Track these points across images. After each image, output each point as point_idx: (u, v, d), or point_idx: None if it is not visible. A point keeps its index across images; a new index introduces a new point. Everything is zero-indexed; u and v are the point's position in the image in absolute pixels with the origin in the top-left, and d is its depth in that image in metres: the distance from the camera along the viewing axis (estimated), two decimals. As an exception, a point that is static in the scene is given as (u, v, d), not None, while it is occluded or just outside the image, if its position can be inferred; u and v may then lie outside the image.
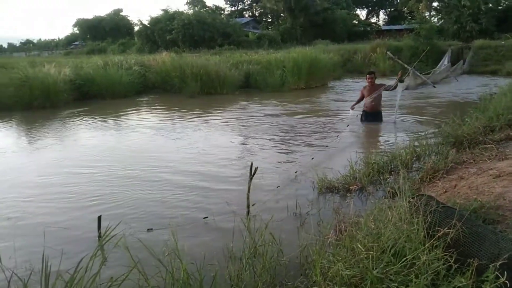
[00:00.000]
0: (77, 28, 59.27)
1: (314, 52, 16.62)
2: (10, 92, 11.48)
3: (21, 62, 14.50)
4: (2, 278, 2.21)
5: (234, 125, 8.76)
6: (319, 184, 4.47)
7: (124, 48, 39.01)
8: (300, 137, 7.44)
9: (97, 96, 13.25)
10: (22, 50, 59.06)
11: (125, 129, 8.85)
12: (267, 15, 52.71)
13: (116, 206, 4.27)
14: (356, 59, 22.49)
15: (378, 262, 2.15)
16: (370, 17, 60.22)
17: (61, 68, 13.02)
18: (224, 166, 5.64)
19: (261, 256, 2.69)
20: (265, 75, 14.82)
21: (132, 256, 2.38)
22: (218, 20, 37.86)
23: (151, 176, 5.29)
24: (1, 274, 2.21)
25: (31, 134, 8.54)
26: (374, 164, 4.77)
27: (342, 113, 9.78)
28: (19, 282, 2.09)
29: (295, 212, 3.88)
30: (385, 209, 2.77)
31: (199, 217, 3.92)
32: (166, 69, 14.69)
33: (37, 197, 4.65)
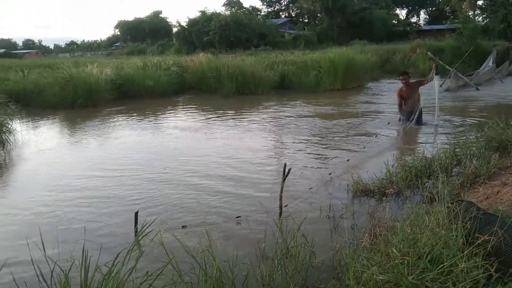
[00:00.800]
0: (118, 29, 61.35)
1: (351, 53, 16.36)
2: (55, 91, 12.03)
3: (66, 62, 15.17)
4: (46, 269, 2.33)
5: (268, 125, 8.77)
6: (353, 187, 4.40)
7: (162, 49, 39.97)
8: (335, 139, 7.35)
9: (136, 95, 13.65)
10: (67, 51, 61.87)
11: (162, 128, 9.07)
12: (303, 15, 52.35)
13: (152, 203, 4.39)
14: (395, 59, 21.92)
15: (414, 268, 2.10)
16: (410, 16, 58.55)
17: (102, 68, 13.52)
18: (258, 166, 5.66)
19: (293, 257, 2.68)
20: (300, 76, 14.74)
21: (167, 252, 2.44)
22: (254, 21, 38.04)
23: (186, 174, 5.39)
24: (45, 264, 2.33)
25: (73, 132, 8.93)
26: (412, 168, 4.63)
27: (378, 115, 9.59)
28: (61, 273, 2.19)
29: (328, 215, 3.84)
30: (423, 214, 2.70)
31: (232, 216, 3.96)
32: (203, 70, 14.91)
33: (79, 192, 4.85)
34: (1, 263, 2.66)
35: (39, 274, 2.17)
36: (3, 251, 3.30)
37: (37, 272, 2.17)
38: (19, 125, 8.73)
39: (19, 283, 2.29)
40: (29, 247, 2.70)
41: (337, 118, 9.44)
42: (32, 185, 5.29)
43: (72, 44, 72.90)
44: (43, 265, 2.32)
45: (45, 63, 21.76)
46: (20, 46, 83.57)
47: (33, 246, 2.65)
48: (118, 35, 62.90)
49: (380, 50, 23.29)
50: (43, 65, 19.92)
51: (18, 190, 5.20)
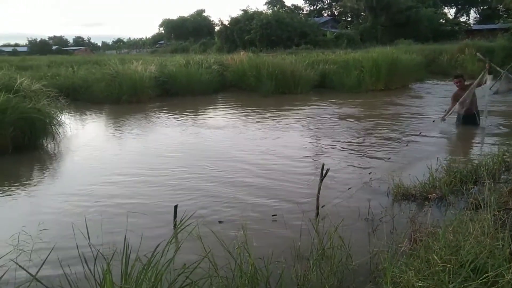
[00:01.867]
0: (163, 28, 63.01)
1: (396, 52, 15.91)
2: (102, 87, 12.54)
3: (113, 59, 15.72)
4: (89, 255, 2.44)
5: (307, 125, 8.71)
6: (394, 190, 4.29)
7: (205, 47, 40.68)
8: (375, 140, 7.18)
9: (178, 93, 13.95)
10: (113, 48, 64.34)
11: (201, 126, 9.23)
12: (346, 14, 51.50)
13: (190, 198, 4.48)
14: (441, 60, 21.09)
15: (455, 276, 2.02)
16: (459, 15, 56.15)
17: (147, 65, 13.92)
18: (295, 166, 5.64)
19: (329, 258, 2.66)
20: (342, 75, 14.51)
21: (204, 246, 2.49)
22: (296, 19, 37.88)
23: (224, 171, 5.46)
24: (89, 250, 2.44)
25: (118, 126, 9.27)
26: (457, 173, 4.45)
27: (422, 117, 9.28)
28: (103, 260, 2.29)
29: (366, 217, 3.77)
30: (467, 221, 2.60)
31: (268, 214, 3.97)
32: (243, 68, 15.02)
33: (121, 183, 5.04)
34: (48, 248, 2.81)
35: (83, 260, 2.27)
36: (51, 237, 3.48)
37: (82, 258, 2.27)
38: (68, 118, 9.18)
39: (65, 268, 2.41)
40: (74, 234, 2.85)
41: (378, 119, 9.22)
42: (79, 175, 5.56)
43: (119, 42, 75.70)
44: (87, 252, 2.44)
45: (93, 60, 22.79)
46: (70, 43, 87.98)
47: (78, 234, 2.79)
48: (162, 34, 64.64)
49: (426, 50, 22.52)
50: (91, 62, 20.87)
51: (65, 180, 5.47)
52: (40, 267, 2.31)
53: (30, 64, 21.07)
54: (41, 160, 6.57)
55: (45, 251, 2.79)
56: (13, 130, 6.55)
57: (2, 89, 6.95)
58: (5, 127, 6.44)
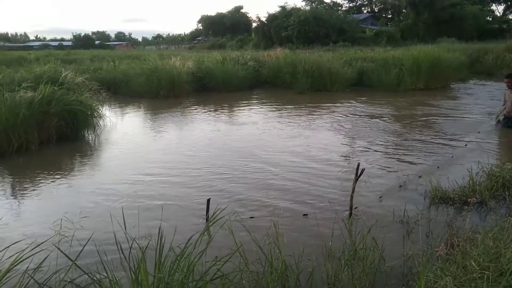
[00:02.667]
0: (201, 24, 63.85)
1: (437, 51, 15.35)
2: (141, 81, 12.91)
3: (152, 54, 16.16)
4: (125, 244, 2.53)
5: (342, 124, 8.58)
6: (431, 193, 4.16)
7: (241, 44, 40.92)
8: (413, 141, 6.97)
9: (214, 88, 14.12)
10: (153, 43, 65.94)
11: (236, 122, 9.30)
12: (387, 10, 50.32)
13: (223, 193, 4.54)
14: (486, 59, 20.14)
15: (494, 284, 1.94)
16: (508, 13, 53.36)
17: (185, 61, 14.18)
18: (329, 165, 5.58)
19: (361, 259, 2.62)
20: (380, 73, 14.18)
21: (235, 240, 2.52)
22: (334, 16, 37.41)
23: (258, 167, 5.49)
24: (125, 240, 2.52)
25: (155, 120, 9.51)
26: (499, 177, 4.26)
27: (463, 118, 8.93)
28: (138, 249, 2.36)
29: (401, 220, 3.68)
30: (508, 228, 2.49)
31: (299, 212, 3.96)
32: (279, 65, 14.98)
33: (157, 176, 5.17)
34: (88, 236, 2.94)
35: (120, 249, 2.35)
36: (90, 226, 3.63)
37: (118, 247, 2.36)
38: (108, 111, 9.50)
39: (102, 256, 2.50)
40: (112, 223, 2.95)
41: (417, 119, 8.96)
42: (117, 167, 5.75)
43: (158, 37, 77.49)
44: (123, 242, 2.52)
45: (134, 55, 23.47)
46: (112, 38, 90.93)
47: (116, 223, 2.89)
48: (200, 30, 65.60)
49: (470, 49, 21.60)
50: (131, 57, 21.50)
51: (104, 171, 5.67)
52: (79, 253, 2.42)
53: (74, 58, 22.01)
54: (83, 151, 6.85)
55: (85, 238, 2.91)
56: (57, 121, 6.87)
57: (48, 82, 7.28)
58: (50, 118, 6.76)
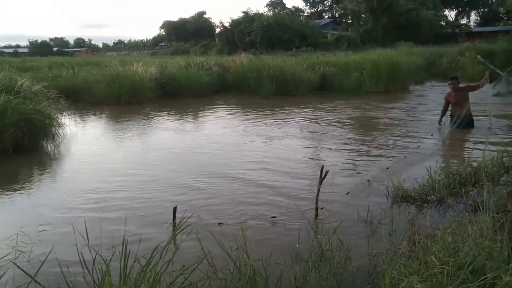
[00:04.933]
0: (164, 29, 63.12)
1: (396, 55, 15.93)
2: (102, 88, 12.58)
3: (113, 60, 15.75)
4: (88, 257, 2.44)
5: (306, 127, 8.71)
6: (393, 192, 4.29)
7: (205, 49, 40.76)
8: (375, 143, 7.19)
9: (178, 94, 13.98)
10: (114, 49, 64.45)
11: (201, 127, 9.25)
12: (347, 16, 51.69)
13: (189, 200, 4.48)
14: (441, 62, 21.12)
15: (454, 278, 2.02)
16: (459, 18, 56.18)
17: (147, 67, 13.96)
18: (295, 168, 5.64)
19: (328, 260, 2.66)
20: (342, 78, 14.53)
21: (203, 248, 2.49)
22: (297, 21, 37.97)
23: (223, 173, 5.46)
24: (88, 252, 2.44)
25: (118, 127, 9.29)
26: (456, 175, 4.45)
27: (421, 120, 9.29)
28: (102, 261, 2.28)
29: (365, 219, 3.76)
30: (465, 223, 2.60)
31: (267, 216, 3.97)
32: (243, 70, 15.05)
33: (120, 185, 5.04)
34: (48, 250, 2.82)
35: (82, 262, 2.27)
36: (50, 239, 3.49)
37: (81, 260, 2.27)
38: (68, 119, 9.18)
39: (63, 270, 2.41)
40: (74, 235, 2.84)
41: (377, 122, 9.23)
42: (78, 177, 5.56)
43: (119, 43, 75.86)
44: (86, 254, 2.43)
45: (94, 61, 22.83)
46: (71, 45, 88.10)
47: (78, 235, 2.79)
48: (163, 35, 64.78)
49: (426, 52, 22.55)
50: (92, 63, 20.91)
51: (64, 182, 5.46)
52: (38, 269, 2.31)
53: (31, 65, 21.11)
54: (41, 162, 6.58)
55: (44, 253, 2.79)
56: (14, 131, 6.55)
57: (3, 90, 6.95)
58: (6, 128, 6.45)
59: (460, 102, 7.72)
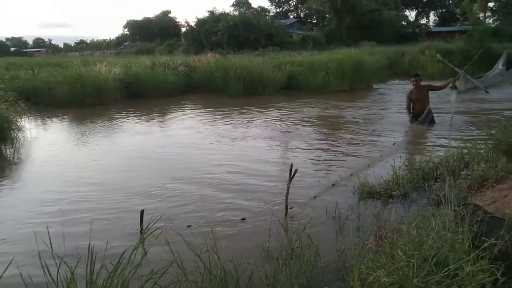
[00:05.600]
0: (128, 29, 61.68)
1: (360, 54, 16.30)
2: (64, 89, 12.15)
3: (75, 61, 15.27)
4: (52, 264, 2.35)
5: (275, 126, 8.77)
6: (360, 189, 4.39)
7: (171, 49, 40.17)
8: (343, 141, 7.33)
9: (144, 95, 13.70)
10: (76, 49, 62.39)
11: (168, 128, 9.12)
12: (312, 16, 52.37)
13: (158, 202, 4.41)
14: (403, 61, 21.78)
15: (419, 270, 2.09)
16: (419, 18, 58.13)
17: (111, 67, 13.61)
18: (264, 167, 5.66)
19: (298, 258, 2.68)
20: (308, 77, 14.71)
21: (172, 251, 2.46)
22: (262, 21, 38.10)
23: (191, 174, 5.41)
24: (51, 260, 2.35)
25: (81, 130, 9.00)
26: (419, 170, 4.61)
27: (386, 117, 9.56)
28: (67, 269, 2.21)
29: (334, 216, 3.83)
30: (429, 217, 2.69)
31: (237, 216, 3.97)
32: (210, 70, 14.95)
33: (85, 190, 4.89)
34: (7, 260, 2.69)
35: (46, 270, 2.18)
36: (12, 247, 3.33)
37: (44, 269, 2.18)
38: (28, 122, 8.81)
39: (26, 278, 2.31)
40: (37, 243, 2.73)
41: (344, 120, 9.42)
42: (39, 182, 5.35)
43: (81, 43, 73.45)
44: (50, 262, 2.34)
45: (55, 62, 22.01)
46: (30, 45, 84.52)
47: (40, 243, 2.68)
48: (127, 35, 63.25)
49: (389, 51, 23.15)
50: (52, 64, 20.14)
51: (25, 188, 5.25)
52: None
53: (-14, 66, 20.09)
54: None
55: (5, 262, 2.66)
56: (-32, 136, 6.23)
57: (-44, 93, 6.60)
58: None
59: (421, 100, 8.01)
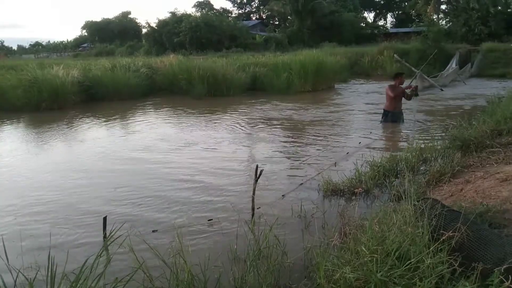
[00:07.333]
0: (86, 30, 59.73)
1: (321, 55, 16.60)
2: (19, 94, 11.59)
3: (30, 64, 14.62)
4: (8, 278, 2.24)
5: (239, 128, 8.77)
6: (324, 187, 4.47)
7: (132, 50, 39.24)
8: (309, 140, 7.43)
9: (105, 98, 13.32)
10: (31, 52, 59.66)
11: (130, 132, 8.90)
12: (274, 17, 52.77)
13: (121, 208, 4.30)
14: (363, 62, 22.41)
15: (383, 265, 2.14)
16: (377, 19, 59.90)
17: (69, 70, 13.12)
18: (229, 169, 5.65)
19: (266, 258, 2.69)
20: (272, 78, 14.81)
21: (137, 257, 2.40)
22: (225, 22, 37.97)
23: (156, 178, 5.31)
24: (8, 274, 2.23)
25: (38, 136, 8.62)
26: (380, 167, 4.76)
27: (348, 116, 9.79)
28: (25, 281, 2.11)
29: (299, 215, 3.88)
30: (390, 212, 2.77)
31: (203, 219, 3.93)
32: (173, 71, 14.74)
33: (43, 198, 4.69)
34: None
35: (2, 284, 2.08)
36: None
37: (0, 282, 2.08)
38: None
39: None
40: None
41: (308, 120, 9.55)
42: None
43: (36, 45, 70.35)
44: (6, 275, 2.23)
45: (8, 65, 20.87)
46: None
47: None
48: (85, 36, 61.19)
49: (349, 52, 23.72)
50: (5, 67, 19.11)
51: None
52: None
53: None
54: None
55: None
56: None
57: None
58: None
59: (397, 99, 8.21)
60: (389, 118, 8.25)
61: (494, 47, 21.75)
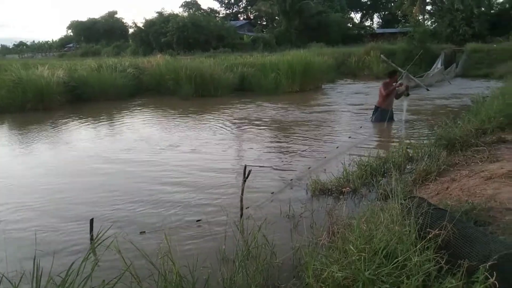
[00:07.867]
0: (71, 30, 58.97)
1: (309, 55, 16.66)
2: (3, 94, 11.41)
3: (14, 64, 14.35)
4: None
5: (228, 128, 8.75)
6: (312, 186, 4.48)
7: (118, 50, 38.88)
8: (298, 140, 7.45)
9: (91, 98, 13.16)
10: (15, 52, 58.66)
11: (116, 133, 8.81)
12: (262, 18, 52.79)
13: (108, 209, 4.25)
14: (350, 62, 22.56)
15: (370, 263, 2.16)
16: (364, 20, 60.38)
17: (54, 70, 12.93)
18: (218, 169, 5.63)
19: (254, 258, 2.69)
20: (260, 78, 14.82)
21: (124, 259, 2.37)
22: (213, 23, 37.84)
23: (143, 179, 5.27)
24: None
25: (22, 137, 8.48)
26: (367, 167, 4.80)
27: (336, 116, 9.85)
28: (9, 285, 2.07)
29: (288, 215, 3.88)
30: (377, 211, 2.79)
31: (192, 220, 3.92)
32: (160, 72, 14.64)
33: (29, 201, 4.61)
34: None
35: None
36: None
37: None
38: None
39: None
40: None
41: (296, 120, 9.58)
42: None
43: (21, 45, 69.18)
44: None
45: (-9, 65, 20.54)
46: (-38, 47, 78.42)
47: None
48: (71, 36, 60.38)
49: (336, 52, 23.85)
50: (-12, 67, 18.80)
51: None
52: None
53: None
54: None
55: None
56: None
57: None
58: None
59: (390, 97, 8.32)
60: (378, 114, 8.34)
61: (478, 47, 22.12)
